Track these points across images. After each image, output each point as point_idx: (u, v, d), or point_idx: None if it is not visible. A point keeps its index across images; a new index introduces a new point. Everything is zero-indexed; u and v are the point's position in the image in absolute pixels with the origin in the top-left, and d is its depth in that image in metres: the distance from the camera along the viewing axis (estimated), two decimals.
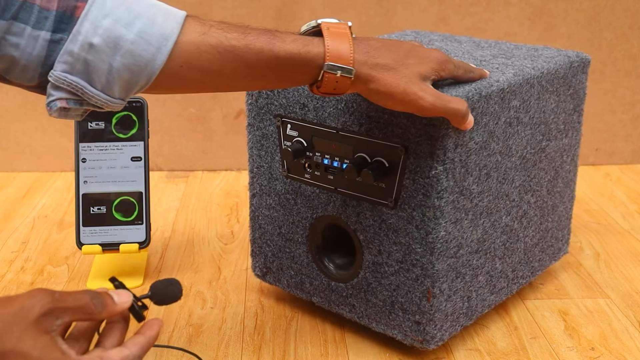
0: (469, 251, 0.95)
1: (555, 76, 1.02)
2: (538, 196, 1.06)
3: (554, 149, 1.06)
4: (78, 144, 1.13)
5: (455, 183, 0.89)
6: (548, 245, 1.12)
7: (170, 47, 0.75)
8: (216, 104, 1.66)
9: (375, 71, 0.80)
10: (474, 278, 0.98)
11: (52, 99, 0.75)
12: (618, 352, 0.99)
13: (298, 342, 1.00)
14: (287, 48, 0.78)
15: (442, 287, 0.92)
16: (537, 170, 1.04)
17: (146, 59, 0.74)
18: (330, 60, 0.78)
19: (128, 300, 0.73)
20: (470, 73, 0.91)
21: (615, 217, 1.44)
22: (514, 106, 0.96)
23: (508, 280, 1.05)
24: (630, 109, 1.71)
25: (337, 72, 0.79)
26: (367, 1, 1.61)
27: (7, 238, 1.32)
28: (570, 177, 1.13)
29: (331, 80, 0.79)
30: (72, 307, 0.68)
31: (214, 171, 1.69)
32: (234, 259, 1.24)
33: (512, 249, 1.04)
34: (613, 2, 1.63)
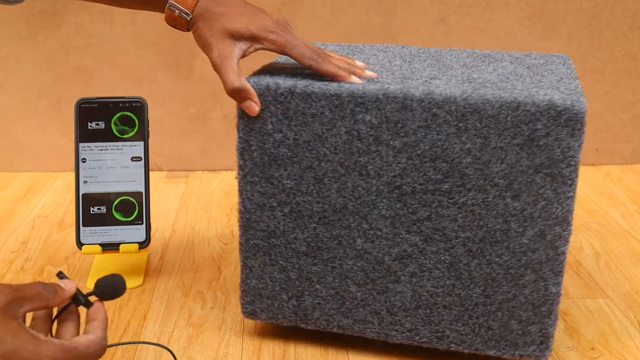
0: (293, 248, 0.95)
1: (478, 113, 0.84)
2: (443, 249, 0.91)
3: (482, 204, 0.88)
4: (78, 144, 1.13)
5: (255, 166, 0.93)
6: (487, 328, 0.93)
7: None
8: (216, 104, 1.66)
9: (201, 20, 0.88)
10: (308, 282, 0.96)
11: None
12: (618, 352, 0.99)
13: (298, 342, 1.00)
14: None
15: (248, 262, 0.98)
16: (435, 215, 0.90)
17: None
18: (173, 0, 0.89)
19: (73, 286, 0.79)
20: (313, 62, 0.87)
21: (615, 217, 1.44)
22: (367, 121, 0.87)
23: (381, 319, 0.96)
24: (630, 109, 1.71)
25: (175, 11, 0.89)
26: (367, 1, 1.61)
27: (7, 238, 1.32)
28: (538, 258, 0.88)
29: (171, 17, 0.90)
30: (30, 295, 0.73)
31: (214, 171, 1.69)
32: (234, 259, 1.24)
33: (383, 286, 0.94)
34: (613, 2, 1.63)
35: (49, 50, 1.60)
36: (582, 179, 1.64)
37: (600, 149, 1.73)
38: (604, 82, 1.69)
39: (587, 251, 1.29)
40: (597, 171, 1.70)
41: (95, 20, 1.59)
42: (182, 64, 1.63)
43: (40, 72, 1.60)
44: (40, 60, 1.60)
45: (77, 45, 1.60)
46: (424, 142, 0.87)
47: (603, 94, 1.70)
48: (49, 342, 0.72)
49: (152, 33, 1.61)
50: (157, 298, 1.12)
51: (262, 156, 0.92)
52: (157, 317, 1.06)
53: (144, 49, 1.61)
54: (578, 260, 1.25)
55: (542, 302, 0.90)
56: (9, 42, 1.59)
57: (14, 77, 1.60)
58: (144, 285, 1.15)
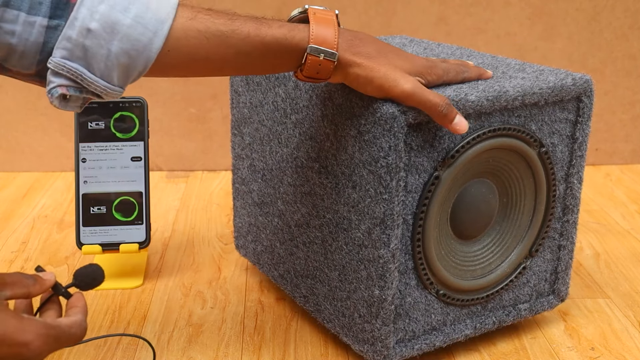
0: (252, 197, 1.09)
1: (331, 101, 0.89)
2: (319, 226, 0.95)
3: (335, 189, 0.91)
4: (78, 144, 1.13)
5: (235, 121, 1.10)
6: (342, 314, 0.95)
7: (166, 31, 0.75)
8: (216, 104, 1.66)
9: (357, 57, 0.82)
10: (258, 230, 1.09)
11: (53, 85, 0.75)
12: (618, 352, 0.99)
13: (298, 342, 1.00)
14: (273, 33, 0.80)
15: (235, 202, 1.15)
16: (313, 192, 0.95)
17: (143, 43, 0.75)
18: (313, 43, 0.80)
19: (52, 276, 0.79)
20: (464, 74, 0.90)
21: (615, 217, 1.44)
22: (280, 94, 0.97)
23: (290, 279, 1.03)
24: (630, 109, 1.71)
25: (320, 55, 0.80)
26: (367, 1, 1.61)
27: (7, 238, 1.32)
28: (367, 256, 0.87)
29: (314, 63, 0.81)
30: (9, 281, 0.75)
31: (214, 171, 1.69)
32: (234, 259, 1.25)
33: (290, 249, 1.01)
34: (613, 2, 1.63)
35: None
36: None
37: (600, 149, 1.73)
38: (604, 82, 1.69)
39: (587, 251, 1.29)
40: (597, 171, 1.70)
41: None
42: None
43: None
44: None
45: None
46: (307, 121, 0.93)
47: (603, 94, 1.70)
48: (32, 319, 0.72)
49: None
50: (157, 298, 1.12)
51: (237, 114, 1.09)
52: (157, 317, 1.06)
53: None
54: (578, 260, 1.25)
55: (371, 303, 0.89)
56: None
57: None
58: (144, 285, 1.15)
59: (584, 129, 0.97)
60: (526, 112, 0.91)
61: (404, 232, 0.87)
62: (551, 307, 1.04)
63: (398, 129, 0.82)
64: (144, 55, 0.75)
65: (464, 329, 0.96)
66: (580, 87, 0.95)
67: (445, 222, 0.92)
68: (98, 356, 0.96)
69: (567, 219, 0.99)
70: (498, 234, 0.97)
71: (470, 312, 0.97)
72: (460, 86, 0.88)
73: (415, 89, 0.81)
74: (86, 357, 0.96)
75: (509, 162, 0.93)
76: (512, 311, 1.00)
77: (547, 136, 0.94)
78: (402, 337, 0.92)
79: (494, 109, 0.88)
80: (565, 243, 1.01)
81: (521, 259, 0.98)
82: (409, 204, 0.86)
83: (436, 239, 0.91)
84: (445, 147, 0.86)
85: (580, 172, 0.98)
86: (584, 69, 1.67)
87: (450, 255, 0.93)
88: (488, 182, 0.93)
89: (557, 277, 1.02)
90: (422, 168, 0.86)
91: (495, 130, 0.89)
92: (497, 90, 0.87)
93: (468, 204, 0.92)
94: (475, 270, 0.96)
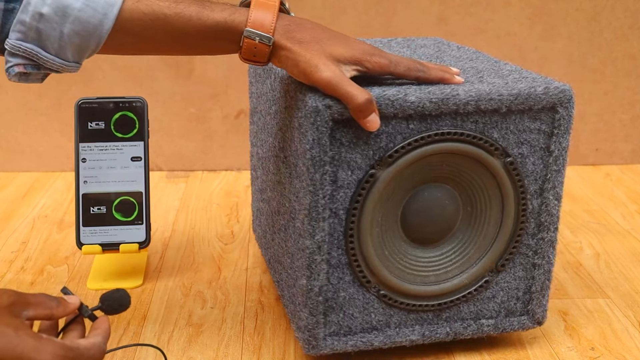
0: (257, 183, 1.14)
1: (288, 94, 0.91)
2: (282, 213, 0.98)
3: (289, 179, 0.93)
4: (78, 144, 1.13)
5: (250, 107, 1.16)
6: (293, 303, 0.96)
7: (115, 13, 0.81)
8: (216, 104, 1.66)
9: (289, 42, 0.83)
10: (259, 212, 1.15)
11: (10, 64, 0.82)
12: (618, 352, 0.99)
13: (298, 342, 1.00)
14: (214, 17, 0.84)
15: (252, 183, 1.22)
16: (281, 179, 0.97)
17: (93, 24, 0.81)
18: (250, 27, 0.83)
19: (77, 299, 0.80)
20: (418, 72, 0.87)
21: (615, 217, 1.44)
22: (267, 86, 1.01)
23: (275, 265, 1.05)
24: (630, 109, 1.71)
25: (255, 39, 0.83)
26: (367, 1, 1.61)
27: (7, 238, 1.32)
28: (301, 246, 0.89)
29: (250, 47, 0.84)
30: (33, 302, 0.76)
31: (214, 171, 1.69)
32: (234, 259, 1.24)
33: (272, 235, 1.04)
34: (613, 2, 1.63)
35: None
36: (582, 179, 1.64)
37: (600, 149, 1.73)
38: (604, 82, 1.69)
39: (587, 251, 1.29)
40: (597, 171, 1.70)
41: None
42: (182, 64, 1.63)
43: None
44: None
45: None
46: (279, 112, 0.95)
47: (603, 94, 1.70)
48: (50, 339, 0.72)
49: None
50: (157, 298, 1.12)
51: (250, 104, 1.16)
52: (157, 317, 1.06)
53: None
54: (578, 260, 1.25)
55: (302, 292, 0.90)
56: None
57: None
58: (144, 285, 1.15)
59: (561, 142, 0.90)
60: (485, 119, 0.87)
61: (335, 226, 0.87)
62: (523, 328, 0.98)
63: (321, 122, 0.82)
64: (95, 35, 0.81)
65: (409, 334, 0.95)
66: (553, 97, 0.88)
67: (395, 223, 0.91)
68: None
69: (542, 236, 0.94)
70: (460, 243, 0.94)
71: (420, 319, 0.95)
72: (409, 86, 0.86)
73: (333, 78, 0.81)
74: None
75: (469, 169, 0.90)
76: (472, 325, 0.96)
77: (513, 146, 0.89)
78: (335, 331, 0.92)
79: (442, 112, 0.85)
80: (540, 262, 0.95)
81: (484, 272, 0.94)
82: (341, 199, 0.87)
83: (377, 238, 0.90)
84: (383, 146, 0.85)
85: (557, 188, 0.92)
86: (584, 69, 1.67)
87: (397, 257, 0.92)
88: (447, 188, 0.91)
89: (531, 297, 0.97)
90: (355, 165, 0.86)
91: (444, 134, 0.86)
92: (446, 93, 0.85)
93: (419, 208, 0.90)
94: (428, 276, 0.93)
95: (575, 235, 1.35)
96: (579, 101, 1.69)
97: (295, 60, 0.83)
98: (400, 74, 0.86)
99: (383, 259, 0.91)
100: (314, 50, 0.83)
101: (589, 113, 1.71)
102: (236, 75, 1.64)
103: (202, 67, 1.63)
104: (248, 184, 1.60)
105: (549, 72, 1.66)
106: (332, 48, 0.83)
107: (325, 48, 0.83)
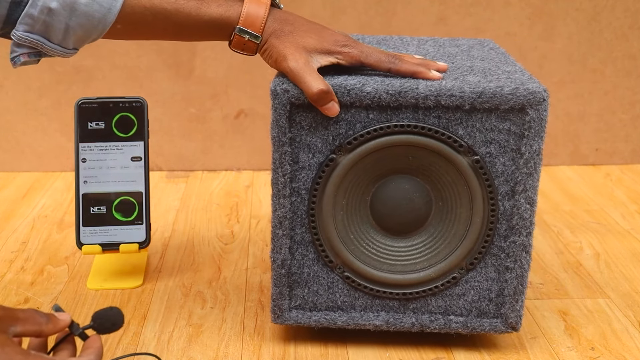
0: None
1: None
2: None
3: None
4: (78, 144, 1.13)
5: None
6: None
7: (119, 7, 0.86)
8: (216, 104, 1.66)
9: (271, 36, 0.90)
10: None
11: (16, 54, 0.87)
12: (618, 352, 0.99)
13: (298, 342, 1.00)
14: (211, 13, 0.89)
15: None
16: None
17: (98, 18, 0.86)
18: (242, 25, 0.89)
19: (67, 317, 0.79)
20: (390, 64, 0.89)
21: (615, 217, 1.44)
22: None
23: None
24: (630, 109, 1.71)
25: (245, 36, 0.90)
26: (367, 1, 1.61)
27: (7, 238, 1.32)
28: None
29: (240, 42, 0.90)
30: (22, 317, 0.75)
31: (214, 171, 1.69)
32: (234, 259, 1.24)
33: None
34: (613, 2, 1.63)
35: None
36: (582, 179, 1.64)
37: (600, 149, 1.73)
38: (604, 82, 1.69)
39: (587, 251, 1.29)
40: (597, 171, 1.70)
41: None
42: (182, 64, 1.63)
43: (40, 72, 1.60)
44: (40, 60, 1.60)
45: None
46: None
47: (603, 94, 1.70)
48: (39, 355, 0.72)
49: None
50: (157, 298, 1.12)
51: None
52: (157, 317, 1.06)
53: (144, 49, 1.61)
54: (578, 260, 1.25)
55: (270, 264, 0.97)
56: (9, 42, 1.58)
57: (14, 77, 1.60)
58: (144, 285, 1.15)
59: (532, 144, 0.89)
60: (448, 115, 0.89)
61: (298, 204, 0.93)
62: (496, 331, 0.97)
63: (279, 105, 0.88)
64: (99, 28, 0.86)
65: (373, 319, 0.97)
66: (522, 98, 0.87)
67: (365, 210, 0.94)
68: None
69: (514, 240, 0.93)
70: (432, 236, 0.95)
71: (387, 306, 0.97)
72: (374, 77, 0.90)
73: (295, 68, 0.87)
74: None
75: (436, 164, 0.91)
76: (439, 319, 0.97)
77: (480, 144, 0.90)
78: (300, 305, 0.97)
79: (401, 104, 0.88)
80: (512, 266, 0.94)
81: (453, 269, 0.95)
82: (303, 179, 0.92)
83: (342, 222, 0.93)
84: (343, 132, 0.90)
85: (529, 192, 0.90)
86: (584, 69, 1.67)
87: (364, 243, 0.95)
88: (417, 180, 0.93)
89: (504, 300, 0.96)
90: (315, 148, 0.91)
91: (404, 126, 0.89)
92: (405, 86, 0.87)
93: (385, 198, 0.93)
94: (395, 265, 0.95)
95: (575, 235, 1.35)
96: (579, 101, 1.69)
97: (270, 51, 0.90)
98: (372, 65, 0.90)
99: (348, 242, 0.94)
100: (287, 41, 0.89)
101: (589, 113, 1.71)
102: (236, 75, 1.64)
103: (202, 67, 1.63)
104: (248, 184, 1.60)
105: (549, 72, 1.66)
106: (304, 39, 0.89)
107: (299, 40, 0.89)
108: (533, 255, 1.27)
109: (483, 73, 0.93)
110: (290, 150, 0.90)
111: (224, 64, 1.63)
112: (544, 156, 0.92)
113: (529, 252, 0.94)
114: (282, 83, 0.88)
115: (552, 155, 1.72)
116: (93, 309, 1.08)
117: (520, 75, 0.93)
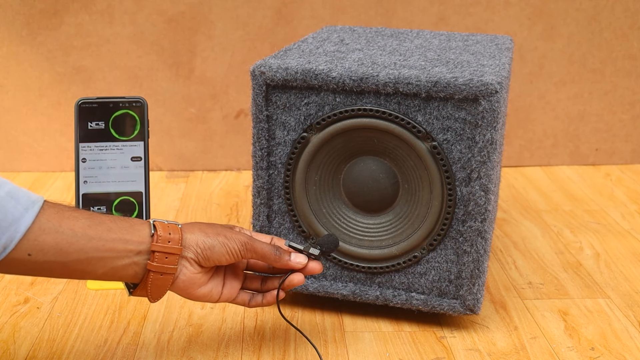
0: None
1: None
2: None
3: None
4: (78, 144, 1.13)
5: None
6: None
7: (37, 210, 0.78)
8: (216, 104, 1.66)
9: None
10: None
11: None
12: (618, 352, 0.99)
13: (298, 342, 1.00)
14: (120, 275, 0.85)
15: None
16: None
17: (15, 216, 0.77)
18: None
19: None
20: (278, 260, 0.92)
21: (615, 217, 1.44)
22: None
23: None
24: (630, 109, 1.71)
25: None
26: (367, 1, 1.61)
27: None
28: None
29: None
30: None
31: (214, 171, 1.69)
32: None
33: None
34: (613, 2, 1.63)
35: (48, 50, 1.60)
36: (582, 179, 1.64)
37: (600, 149, 1.73)
38: (604, 82, 1.69)
39: (587, 251, 1.29)
40: (597, 171, 1.70)
41: (95, 20, 1.59)
42: (182, 64, 1.63)
43: (40, 72, 1.61)
44: (40, 60, 1.60)
45: (77, 45, 1.60)
46: None
47: (603, 94, 1.70)
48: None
49: (152, 33, 1.61)
50: None
51: None
52: (157, 317, 1.06)
53: (144, 49, 1.61)
54: (578, 260, 1.26)
55: None
56: (9, 42, 1.59)
57: (14, 77, 1.60)
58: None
59: (484, 134, 0.93)
60: (407, 102, 0.95)
61: (275, 177, 1.02)
62: (454, 312, 1.00)
63: (257, 85, 0.98)
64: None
65: (342, 289, 1.04)
66: (475, 89, 0.92)
67: (338, 186, 1.02)
68: (98, 356, 0.96)
69: (470, 225, 0.97)
70: (398, 216, 1.01)
71: (355, 278, 1.04)
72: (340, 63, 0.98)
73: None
74: (86, 357, 0.96)
75: (398, 147, 0.97)
76: (402, 295, 1.02)
77: (438, 131, 0.95)
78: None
79: (363, 89, 0.96)
80: (469, 250, 0.98)
81: (414, 248, 1.00)
82: (279, 154, 1.01)
83: (314, 195, 1.02)
84: (313, 113, 0.99)
85: (483, 179, 0.95)
86: (584, 69, 1.67)
87: (335, 217, 1.03)
88: (384, 162, 0.99)
89: (462, 282, 0.99)
90: (290, 126, 1.00)
91: (367, 110, 0.96)
92: (366, 73, 0.95)
93: (353, 176, 1.01)
94: (362, 240, 1.02)
95: (575, 235, 1.35)
96: (578, 101, 1.69)
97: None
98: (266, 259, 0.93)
99: (320, 215, 1.02)
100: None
101: (589, 113, 1.71)
102: (236, 75, 1.64)
103: (202, 67, 1.63)
104: (248, 184, 1.60)
105: (549, 72, 1.66)
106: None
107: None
108: (533, 255, 1.27)
109: (453, 64, 0.99)
110: (267, 127, 1.00)
111: (224, 64, 1.63)
112: (544, 156, 0.92)
113: (485, 237, 0.98)
114: (260, 66, 0.97)
115: (552, 155, 1.72)
116: (93, 309, 1.08)
117: (487, 68, 0.97)
